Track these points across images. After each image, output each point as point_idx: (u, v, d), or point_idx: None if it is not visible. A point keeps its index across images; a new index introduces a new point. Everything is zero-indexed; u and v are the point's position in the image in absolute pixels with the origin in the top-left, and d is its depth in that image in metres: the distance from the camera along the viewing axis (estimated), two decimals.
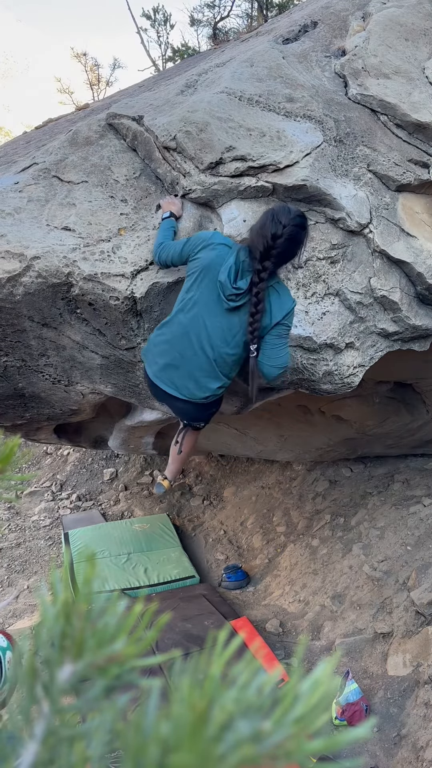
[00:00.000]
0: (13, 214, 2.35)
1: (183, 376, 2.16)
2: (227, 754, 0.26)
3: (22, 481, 0.50)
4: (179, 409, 2.32)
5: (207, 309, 2.08)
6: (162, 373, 2.20)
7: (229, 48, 3.77)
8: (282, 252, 1.98)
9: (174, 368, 2.17)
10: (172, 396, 2.21)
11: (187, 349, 2.12)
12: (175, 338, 2.14)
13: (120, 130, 2.64)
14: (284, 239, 1.95)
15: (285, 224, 1.95)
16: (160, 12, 10.47)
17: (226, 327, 2.08)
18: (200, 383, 2.16)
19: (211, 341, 2.09)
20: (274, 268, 2.01)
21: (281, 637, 3.70)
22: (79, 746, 0.30)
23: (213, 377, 2.15)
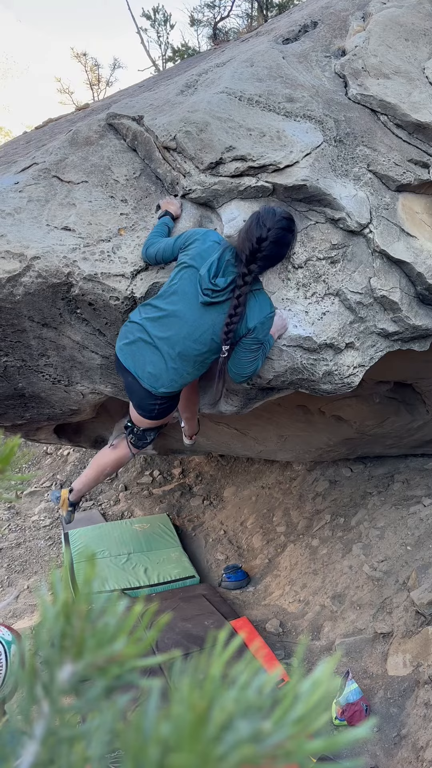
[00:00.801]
0: (13, 214, 2.35)
1: (145, 358, 2.16)
2: (227, 754, 0.26)
3: (22, 481, 0.50)
4: (129, 385, 2.29)
5: (184, 299, 2.09)
6: (126, 348, 2.20)
7: (229, 48, 3.77)
8: (268, 255, 1.99)
9: (139, 347, 2.17)
10: (127, 371, 2.22)
11: (157, 332, 2.12)
12: (148, 321, 2.15)
13: (120, 130, 2.64)
14: (270, 242, 1.96)
15: (270, 227, 1.95)
16: (160, 12, 10.47)
17: (198, 322, 2.08)
18: (157, 373, 2.16)
19: (180, 332, 2.09)
20: (259, 272, 2.03)
21: (281, 637, 3.70)
22: (79, 746, 0.30)
23: (173, 370, 2.15)
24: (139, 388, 2.23)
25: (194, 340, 2.10)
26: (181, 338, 2.10)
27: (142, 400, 2.30)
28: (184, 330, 2.09)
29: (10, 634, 1.59)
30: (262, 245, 1.96)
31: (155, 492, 6.22)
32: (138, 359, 2.18)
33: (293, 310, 2.31)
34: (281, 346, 2.28)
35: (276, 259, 2.06)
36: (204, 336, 2.09)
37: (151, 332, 2.14)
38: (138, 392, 2.27)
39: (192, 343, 2.10)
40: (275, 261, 2.06)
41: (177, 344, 2.11)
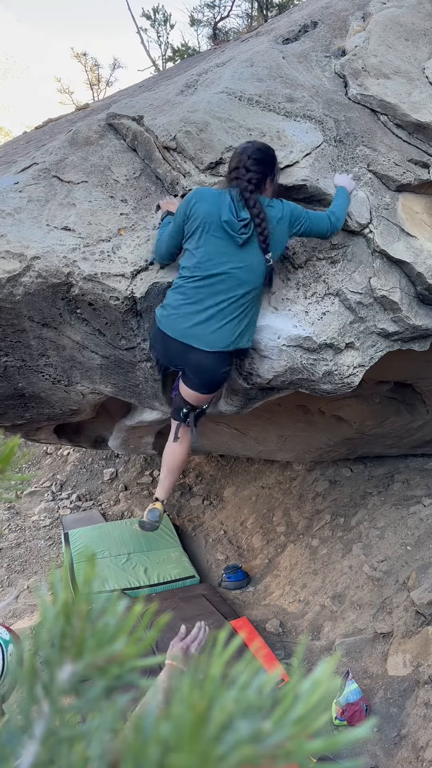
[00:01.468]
0: (13, 214, 2.35)
1: (213, 325, 2.15)
2: (227, 755, 0.26)
3: (22, 481, 0.50)
4: (196, 364, 2.24)
5: (224, 254, 2.12)
6: (183, 327, 2.17)
7: (229, 48, 3.77)
8: (258, 159, 2.13)
9: (203, 320, 2.16)
10: (190, 349, 2.18)
11: (219, 298, 2.14)
12: (200, 294, 2.15)
13: (120, 130, 2.64)
14: (255, 149, 2.15)
15: (249, 143, 2.21)
16: (160, 12, 10.47)
17: (247, 262, 2.13)
18: (224, 328, 2.15)
19: (240, 281, 2.13)
20: (257, 176, 2.12)
21: (281, 637, 3.70)
22: (79, 746, 0.30)
23: (239, 319, 2.16)
24: (209, 359, 2.19)
25: (253, 278, 2.14)
26: (244, 283, 2.13)
27: (213, 371, 2.25)
28: (243, 276, 2.13)
29: (7, 633, 1.59)
30: (250, 155, 2.13)
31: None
32: (199, 332, 2.16)
33: (293, 310, 2.31)
34: (281, 346, 2.28)
35: (267, 163, 2.16)
36: (258, 270, 2.15)
37: (207, 299, 2.14)
38: (207, 365, 2.22)
39: (253, 282, 2.15)
40: (267, 165, 2.16)
41: (241, 291, 2.14)
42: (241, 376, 2.38)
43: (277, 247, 2.16)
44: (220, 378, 2.30)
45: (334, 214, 2.22)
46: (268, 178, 2.17)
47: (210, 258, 2.12)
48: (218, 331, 2.14)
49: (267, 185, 2.18)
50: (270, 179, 2.19)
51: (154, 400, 2.86)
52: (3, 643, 1.54)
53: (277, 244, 2.15)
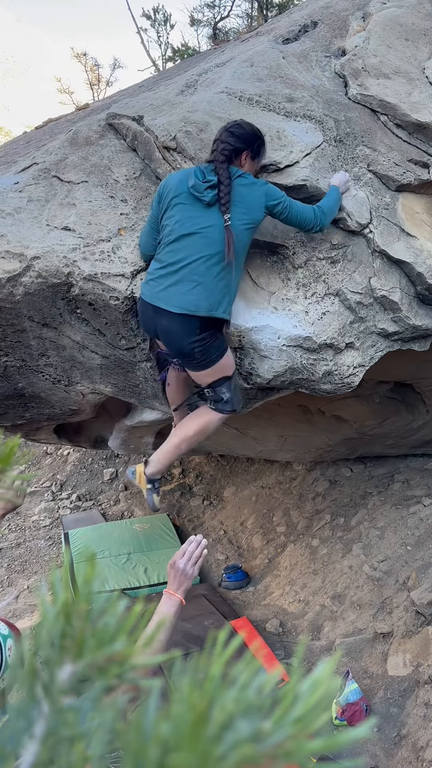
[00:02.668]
0: (13, 214, 2.35)
1: (183, 287, 2.07)
2: (227, 754, 0.26)
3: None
4: (164, 330, 2.13)
5: (193, 216, 2.11)
6: (156, 291, 2.11)
7: (229, 48, 3.77)
8: (233, 132, 2.15)
9: (173, 282, 2.09)
10: (158, 311, 2.09)
11: (189, 257, 2.09)
12: (172, 257, 2.11)
13: (120, 130, 2.64)
14: (234, 124, 2.19)
15: (235, 121, 2.24)
16: (160, 12, 10.47)
17: (214, 222, 2.09)
18: (195, 290, 2.07)
19: (210, 240, 2.08)
20: (229, 147, 2.13)
21: (281, 637, 3.70)
22: (79, 746, 0.30)
23: (212, 283, 2.09)
24: (176, 322, 2.08)
25: (220, 239, 2.08)
26: (213, 244, 2.08)
27: (181, 338, 2.11)
28: (210, 235, 2.08)
29: (6, 628, 1.59)
30: (224, 134, 2.17)
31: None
32: (170, 293, 2.08)
33: (293, 310, 2.31)
34: (281, 346, 2.28)
35: (243, 138, 2.17)
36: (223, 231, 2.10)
37: (183, 261, 2.09)
38: (174, 330, 2.10)
39: (219, 243, 2.08)
40: (243, 139, 2.16)
41: (212, 250, 2.08)
42: (241, 376, 2.38)
43: (243, 215, 2.08)
44: (187, 349, 2.12)
45: (320, 209, 2.21)
46: (244, 153, 2.17)
47: (180, 222, 2.11)
48: (189, 293, 2.06)
49: (243, 160, 2.18)
50: (248, 155, 2.19)
51: (154, 400, 2.86)
52: (2, 638, 1.53)
53: (243, 209, 2.08)
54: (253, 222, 2.13)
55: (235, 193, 2.10)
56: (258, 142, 2.21)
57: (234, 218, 2.08)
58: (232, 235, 2.07)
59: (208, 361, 2.18)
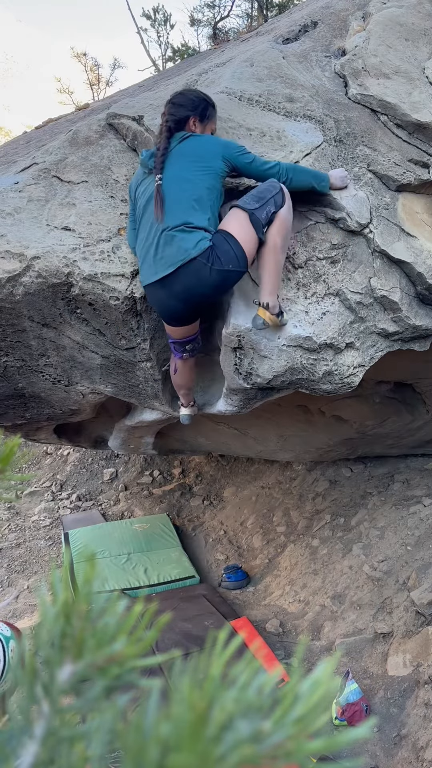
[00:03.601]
0: (13, 214, 2.35)
1: (166, 248, 2.05)
2: (227, 755, 0.26)
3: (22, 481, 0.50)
4: (185, 286, 2.05)
5: (148, 187, 2.14)
6: (150, 270, 2.09)
7: (229, 48, 3.77)
8: (175, 103, 2.19)
9: (156, 250, 2.07)
10: (165, 278, 2.05)
11: (154, 222, 2.08)
12: (143, 232, 2.13)
13: (120, 130, 2.64)
14: (175, 94, 2.24)
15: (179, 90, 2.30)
16: (160, 12, 10.47)
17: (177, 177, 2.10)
18: (180, 236, 2.03)
19: (166, 207, 2.07)
20: (174, 118, 2.16)
21: (281, 637, 3.70)
22: (79, 746, 0.30)
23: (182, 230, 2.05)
24: (185, 279, 2.03)
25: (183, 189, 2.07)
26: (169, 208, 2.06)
27: (203, 285, 2.04)
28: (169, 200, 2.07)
29: (8, 629, 1.60)
30: (166, 107, 2.20)
31: (155, 492, 6.22)
32: (158, 262, 2.06)
33: (293, 310, 2.31)
34: (281, 346, 2.28)
35: (186, 105, 2.19)
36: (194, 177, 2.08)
37: (145, 235, 2.10)
38: (191, 284, 2.04)
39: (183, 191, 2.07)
40: (187, 107, 2.19)
41: (175, 210, 2.05)
42: (241, 376, 2.38)
43: (194, 163, 2.07)
44: (217, 279, 2.05)
45: (290, 165, 2.21)
46: (190, 119, 2.19)
47: (142, 195, 2.16)
48: (171, 248, 2.04)
49: (192, 125, 2.20)
50: (195, 119, 2.20)
51: (154, 400, 2.86)
52: (4, 639, 1.54)
53: (193, 159, 2.08)
54: (209, 168, 2.09)
55: (183, 150, 2.11)
56: (202, 105, 2.22)
57: (182, 170, 2.07)
58: (161, 194, 2.07)
59: (238, 262, 2.05)
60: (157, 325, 2.45)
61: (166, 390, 2.76)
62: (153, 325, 2.45)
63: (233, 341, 2.30)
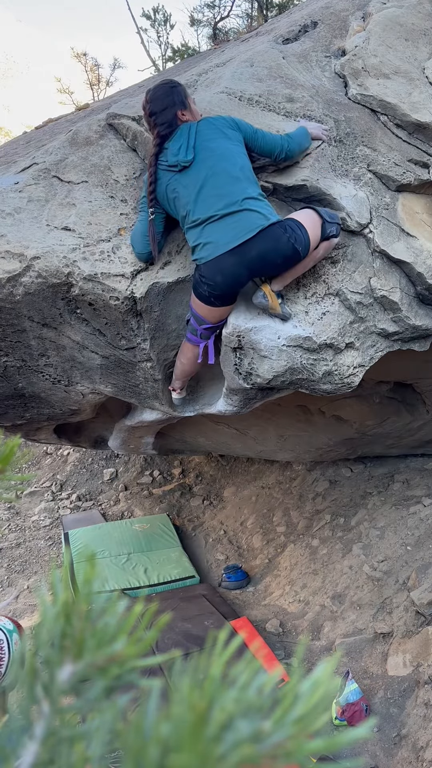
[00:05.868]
0: (13, 214, 2.35)
1: (238, 218, 2.11)
2: (227, 754, 0.26)
3: (22, 481, 0.50)
4: (261, 254, 2.13)
5: (191, 182, 2.18)
6: (222, 241, 2.13)
7: (229, 48, 3.77)
8: (153, 112, 2.22)
9: (227, 222, 2.12)
10: (241, 245, 2.11)
11: (221, 200, 2.13)
12: (206, 212, 2.15)
13: (120, 130, 2.64)
14: (147, 99, 2.25)
15: (144, 95, 2.31)
16: (160, 12, 10.47)
17: (208, 170, 2.17)
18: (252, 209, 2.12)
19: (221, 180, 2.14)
20: (165, 122, 2.21)
21: (281, 637, 3.70)
22: (79, 746, 0.30)
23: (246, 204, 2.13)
24: (263, 242, 2.12)
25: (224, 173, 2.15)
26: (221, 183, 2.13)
27: (278, 248, 2.13)
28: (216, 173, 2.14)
29: (11, 623, 1.61)
30: (149, 119, 2.25)
31: (155, 492, 6.22)
32: (234, 230, 2.12)
33: (293, 310, 2.31)
34: (281, 346, 2.28)
35: (168, 103, 2.22)
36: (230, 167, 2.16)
37: (211, 213, 2.14)
38: (269, 248, 2.13)
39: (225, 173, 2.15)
40: (169, 104, 2.22)
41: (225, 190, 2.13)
42: (241, 376, 2.38)
43: (222, 143, 2.16)
44: (289, 249, 2.15)
45: (288, 136, 2.28)
46: (177, 112, 2.22)
47: (184, 189, 2.19)
48: (247, 218, 2.12)
49: (182, 116, 2.24)
50: (181, 110, 2.24)
51: (154, 400, 2.86)
52: (7, 632, 1.56)
53: (217, 139, 2.17)
54: (234, 138, 2.19)
55: (205, 133, 2.17)
56: (175, 92, 2.25)
57: (214, 151, 2.15)
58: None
59: (305, 248, 2.17)
60: (157, 325, 2.46)
61: (166, 390, 2.76)
62: (153, 325, 2.45)
63: (233, 341, 2.30)
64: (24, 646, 0.32)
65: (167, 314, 2.45)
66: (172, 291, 2.38)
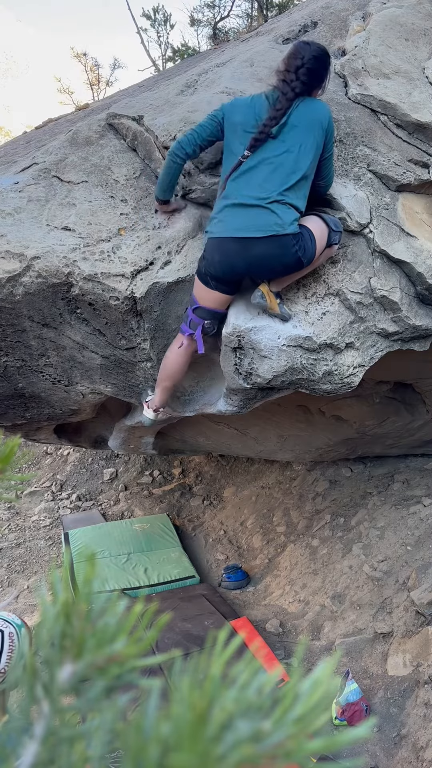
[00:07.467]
0: (13, 214, 2.35)
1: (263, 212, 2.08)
2: (227, 754, 0.26)
3: (22, 481, 0.50)
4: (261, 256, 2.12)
5: (263, 150, 2.12)
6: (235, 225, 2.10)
7: (229, 48, 3.77)
8: (309, 68, 2.11)
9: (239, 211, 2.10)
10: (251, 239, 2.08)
11: (259, 184, 2.10)
12: (243, 189, 2.12)
13: (120, 130, 2.64)
14: (311, 57, 2.12)
15: (310, 46, 2.17)
16: (160, 12, 10.47)
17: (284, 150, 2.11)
18: (279, 209, 2.08)
19: (277, 168, 2.10)
20: (304, 86, 2.12)
21: (281, 637, 3.70)
22: (79, 746, 0.30)
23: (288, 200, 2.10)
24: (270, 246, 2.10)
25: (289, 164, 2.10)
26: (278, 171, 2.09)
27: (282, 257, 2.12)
28: (277, 162, 2.09)
29: (19, 619, 1.63)
30: (299, 70, 2.11)
31: (155, 492, 6.22)
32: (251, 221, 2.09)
33: (293, 310, 2.31)
34: (281, 346, 2.28)
35: (317, 75, 2.15)
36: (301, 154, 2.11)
37: (247, 192, 2.10)
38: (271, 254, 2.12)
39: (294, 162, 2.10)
40: (317, 76, 2.15)
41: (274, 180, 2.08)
42: (241, 376, 2.38)
43: (309, 138, 2.10)
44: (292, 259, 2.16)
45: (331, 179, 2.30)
46: (314, 91, 2.18)
47: (244, 131, 2.15)
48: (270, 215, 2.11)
49: (315, 94, 2.19)
50: (317, 92, 2.20)
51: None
52: (17, 627, 1.58)
53: (308, 133, 2.10)
54: (316, 143, 2.14)
55: (302, 116, 2.11)
56: (329, 71, 2.22)
57: (298, 139, 2.10)
58: (272, 159, 2.11)
59: (309, 261, 2.18)
60: (157, 325, 2.46)
61: None
62: (153, 325, 2.45)
63: (233, 341, 2.30)
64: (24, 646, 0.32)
65: (167, 314, 2.45)
66: (173, 291, 2.38)
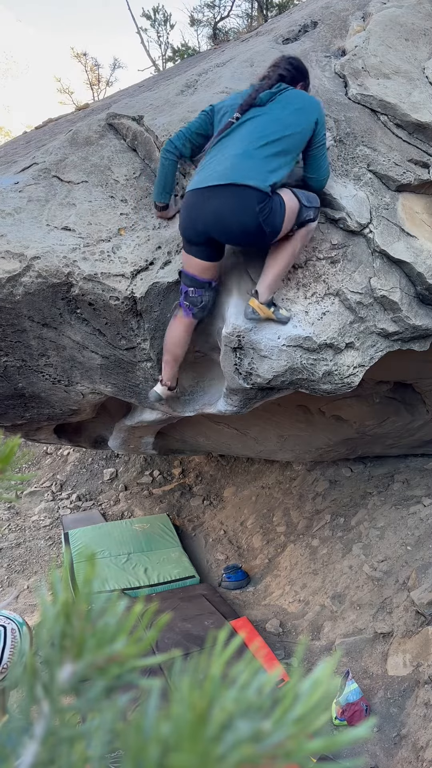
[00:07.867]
0: (13, 214, 2.35)
1: (232, 161, 1.99)
2: (227, 754, 0.26)
3: (22, 481, 0.50)
4: (218, 210, 1.98)
5: (234, 133, 2.09)
6: (206, 175, 2.03)
7: (229, 48, 3.77)
8: (293, 63, 2.21)
9: (213, 166, 2.03)
10: (214, 187, 1.97)
11: (237, 141, 2.05)
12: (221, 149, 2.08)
13: (120, 130, 2.64)
14: (291, 57, 2.25)
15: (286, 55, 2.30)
16: (160, 12, 10.47)
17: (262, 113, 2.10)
18: (254, 164, 1.98)
19: (257, 127, 2.07)
20: (289, 73, 2.18)
21: (281, 637, 3.70)
22: (79, 746, 0.30)
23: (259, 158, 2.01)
24: (233, 199, 1.96)
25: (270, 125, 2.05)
26: (258, 129, 2.04)
27: (234, 212, 1.97)
28: (257, 122, 2.05)
29: (20, 617, 1.65)
30: (281, 62, 2.21)
31: (155, 492, 6.22)
32: (225, 171, 1.99)
33: (293, 310, 2.31)
34: (281, 346, 2.28)
35: (298, 68, 2.22)
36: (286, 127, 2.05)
37: (222, 150, 2.05)
38: (232, 207, 1.97)
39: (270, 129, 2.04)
40: (299, 68, 2.22)
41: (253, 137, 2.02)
42: (241, 376, 2.38)
43: (294, 116, 2.07)
44: (252, 224, 2.03)
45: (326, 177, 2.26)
46: (299, 84, 2.24)
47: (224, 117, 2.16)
48: (241, 167, 2.04)
49: (298, 86, 2.23)
50: (302, 86, 2.25)
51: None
52: (18, 624, 1.60)
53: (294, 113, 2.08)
54: (306, 126, 2.08)
55: (289, 98, 2.11)
56: (308, 76, 2.29)
57: (282, 114, 2.07)
58: (254, 124, 2.07)
59: (273, 234, 2.04)
60: (157, 325, 2.46)
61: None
62: (153, 325, 2.45)
63: (233, 341, 2.30)
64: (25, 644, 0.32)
65: (167, 314, 2.45)
66: (172, 291, 2.38)
